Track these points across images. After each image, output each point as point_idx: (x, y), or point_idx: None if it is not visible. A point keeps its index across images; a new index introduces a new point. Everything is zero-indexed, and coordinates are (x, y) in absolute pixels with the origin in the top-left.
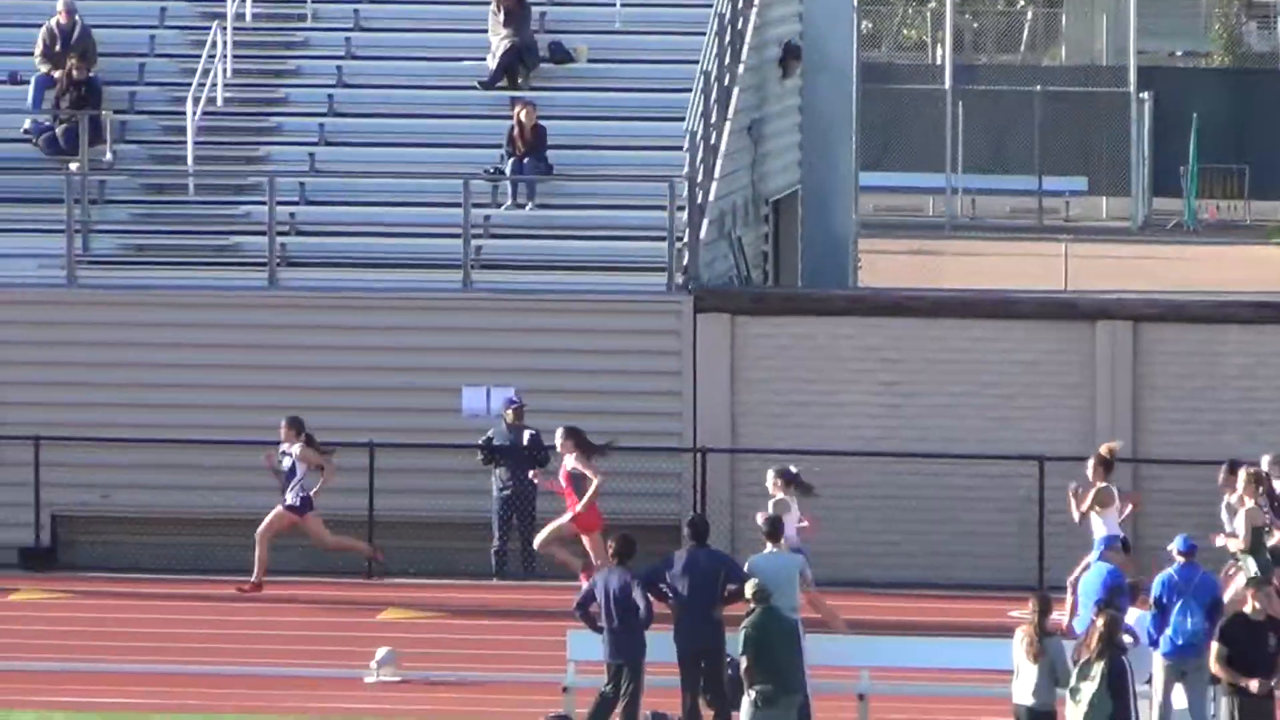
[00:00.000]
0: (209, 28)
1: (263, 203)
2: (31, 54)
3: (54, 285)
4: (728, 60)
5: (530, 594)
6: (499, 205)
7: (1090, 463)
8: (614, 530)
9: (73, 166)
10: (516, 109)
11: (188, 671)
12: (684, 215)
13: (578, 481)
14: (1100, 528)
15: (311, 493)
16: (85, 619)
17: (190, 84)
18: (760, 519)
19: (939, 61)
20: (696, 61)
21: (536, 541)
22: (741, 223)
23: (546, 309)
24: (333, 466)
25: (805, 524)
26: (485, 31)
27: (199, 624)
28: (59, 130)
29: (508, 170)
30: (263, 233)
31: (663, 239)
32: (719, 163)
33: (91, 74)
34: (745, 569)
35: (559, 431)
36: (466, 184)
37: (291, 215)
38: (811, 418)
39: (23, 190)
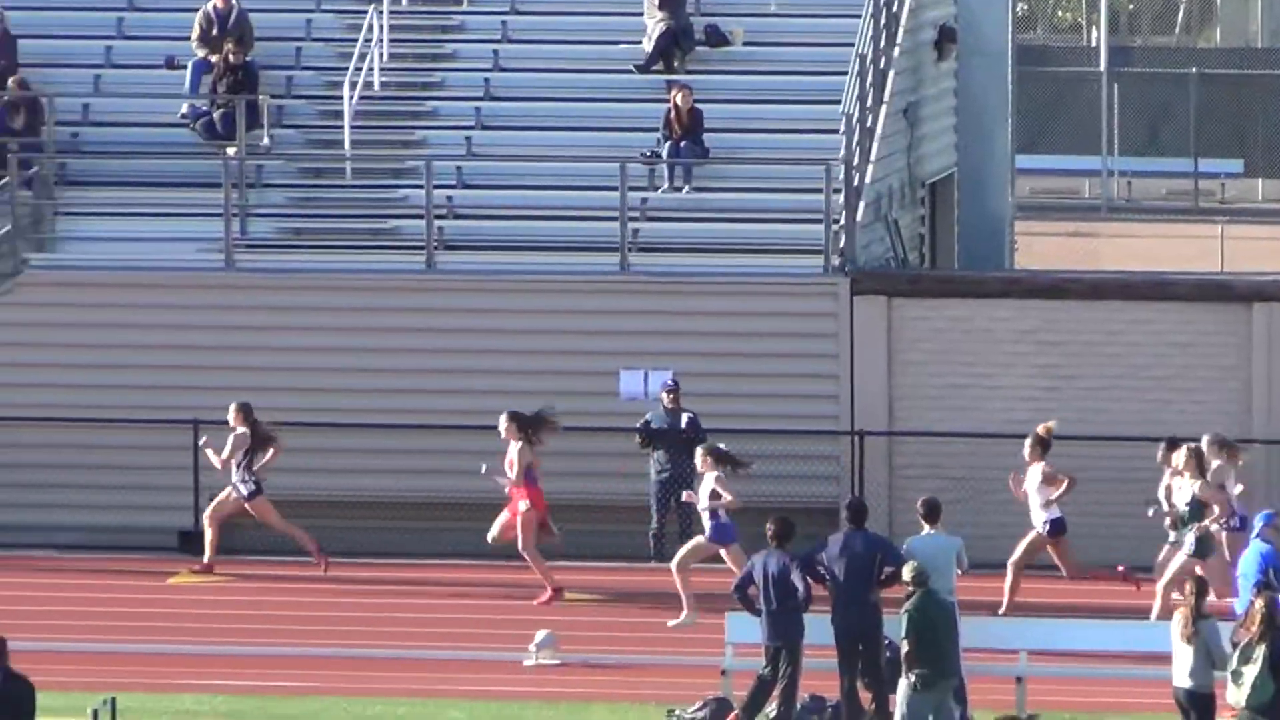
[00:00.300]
0: (365, 12)
1: (420, 187)
2: (189, 39)
3: (212, 269)
4: (883, 43)
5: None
6: (656, 188)
7: (1027, 442)
8: (771, 513)
9: (230, 151)
10: (672, 92)
11: (345, 655)
12: (840, 198)
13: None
14: (1038, 509)
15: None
16: (242, 602)
17: (347, 68)
18: (919, 503)
19: (1094, 44)
20: (852, 44)
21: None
22: (898, 205)
23: (703, 292)
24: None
25: (728, 498)
26: (641, 15)
27: (356, 607)
28: (216, 115)
29: (664, 154)
30: (420, 217)
31: (819, 222)
32: (875, 146)
33: (248, 59)
34: (903, 551)
35: (503, 419)
36: (623, 167)
37: (449, 199)
38: (968, 400)
39: (180, 175)
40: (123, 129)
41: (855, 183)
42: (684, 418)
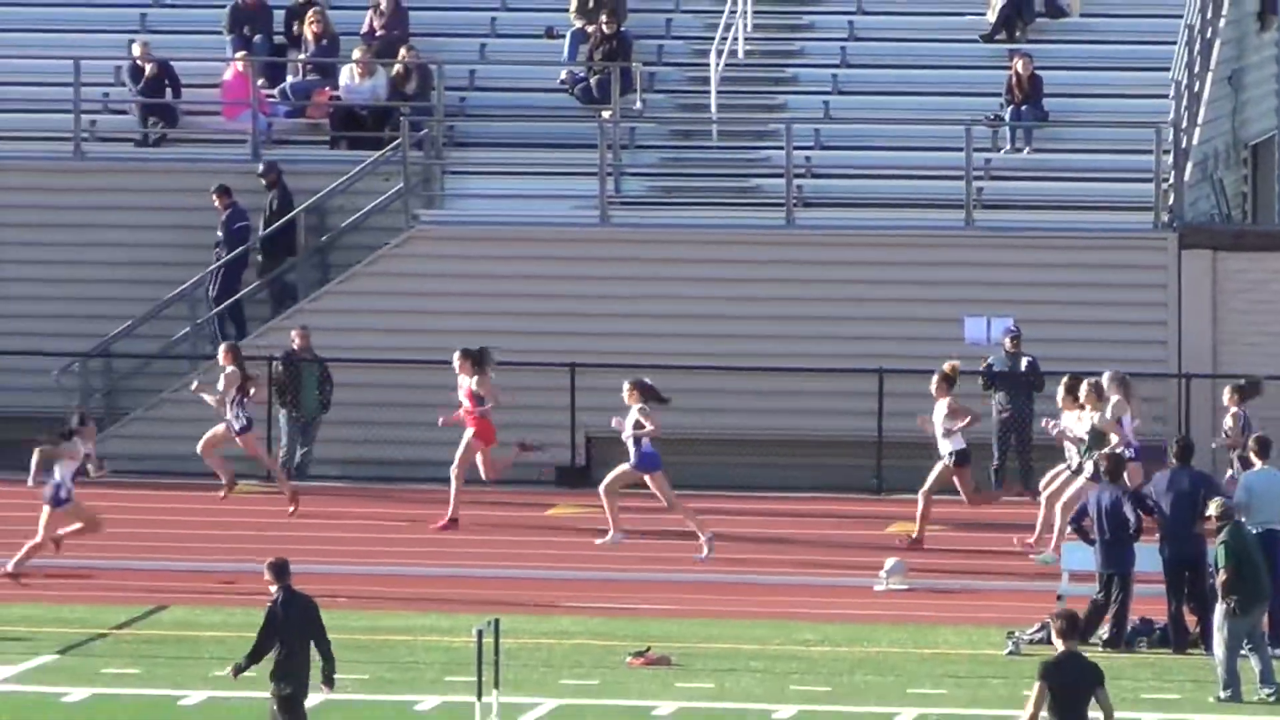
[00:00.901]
0: None
1: (780, 148)
2: (567, 10)
3: (587, 225)
4: (1209, 14)
5: (1029, 509)
6: (998, 149)
7: (934, 379)
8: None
9: (605, 114)
10: (1014, 60)
11: (708, 580)
12: (1169, 159)
13: (479, 400)
14: (944, 441)
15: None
16: (603, 530)
17: (713, 38)
18: (1252, 440)
19: None
20: (1180, 16)
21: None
22: (1222, 165)
23: (1042, 245)
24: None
25: (650, 427)
26: None
27: (723, 536)
28: (593, 81)
29: (1006, 117)
30: (780, 176)
31: (1149, 181)
32: (1202, 110)
33: (622, 28)
34: (1240, 484)
35: (456, 355)
36: (969, 130)
37: (807, 159)
38: None
39: (559, 137)
40: (506, 94)
41: (1183, 145)
42: (1024, 361)
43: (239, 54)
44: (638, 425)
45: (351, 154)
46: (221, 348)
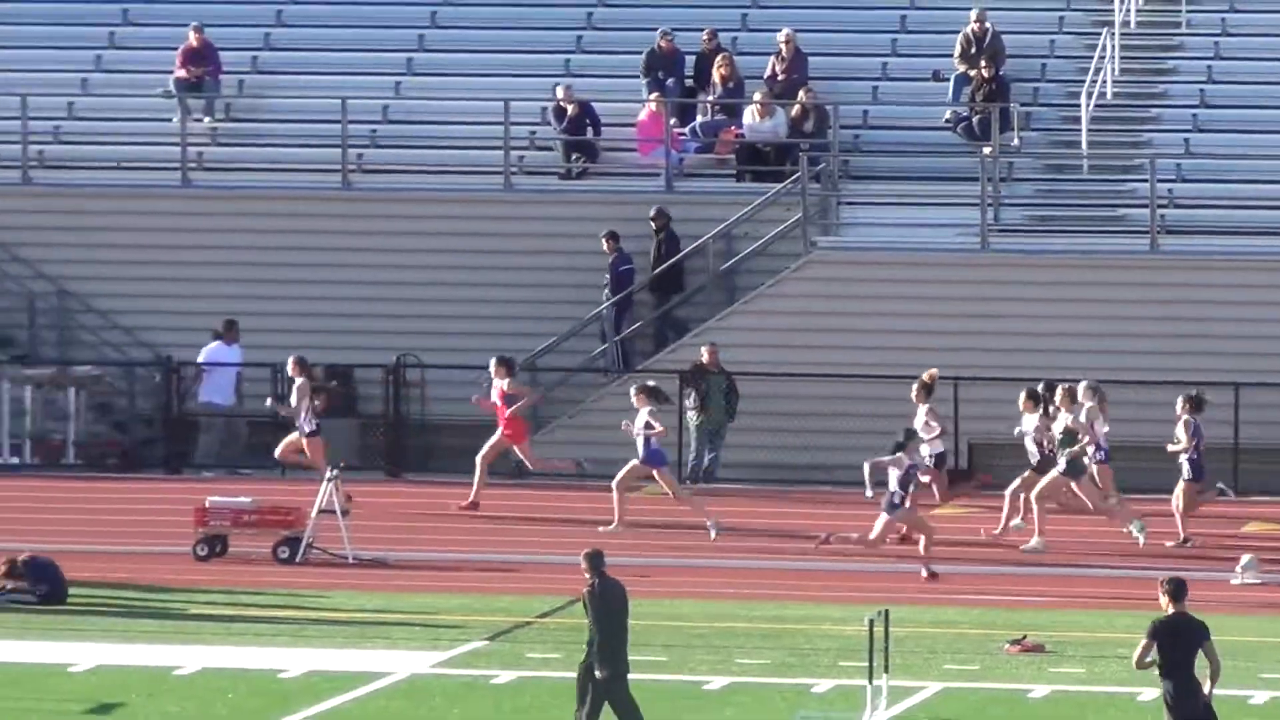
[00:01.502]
0: (1099, 33)
1: (1145, 180)
2: (951, 55)
3: (969, 250)
4: None
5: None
6: None
7: (914, 387)
8: None
9: (985, 150)
10: None
11: (1077, 574)
12: None
13: (510, 400)
14: (925, 446)
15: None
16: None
17: (1084, 80)
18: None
19: None
20: None
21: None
22: None
23: None
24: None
25: (659, 429)
26: None
27: (1064, 534)
28: (974, 120)
29: None
30: (1145, 206)
31: None
32: None
33: (1000, 72)
34: None
35: (493, 361)
36: None
37: (1169, 191)
38: None
39: (944, 171)
40: (896, 131)
41: None
42: None
43: (653, 96)
44: (647, 425)
45: (755, 186)
46: (290, 361)
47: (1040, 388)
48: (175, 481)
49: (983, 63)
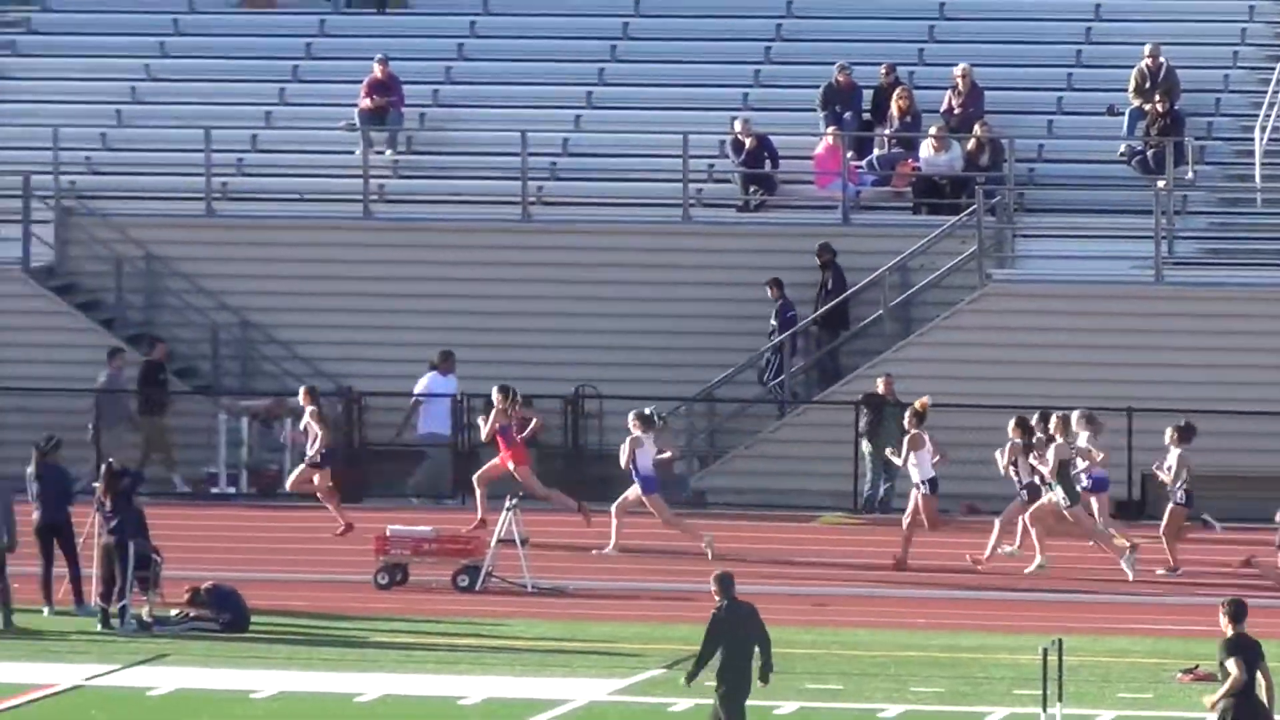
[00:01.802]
0: (1274, 68)
1: None
2: (1126, 90)
3: (1143, 283)
4: None
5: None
6: None
7: (906, 414)
8: None
9: (1160, 184)
10: None
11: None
12: None
13: (510, 429)
14: (914, 471)
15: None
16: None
17: (1258, 114)
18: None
19: None
20: None
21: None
22: None
23: None
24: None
25: (666, 455)
26: None
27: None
28: (1149, 153)
29: None
30: None
31: None
32: None
33: (1175, 107)
34: None
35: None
36: None
37: None
38: None
39: (1119, 204)
40: (1071, 164)
41: None
42: None
43: (830, 129)
44: (659, 452)
45: (931, 219)
46: (302, 390)
47: (1035, 419)
48: (355, 510)
49: (1157, 97)
